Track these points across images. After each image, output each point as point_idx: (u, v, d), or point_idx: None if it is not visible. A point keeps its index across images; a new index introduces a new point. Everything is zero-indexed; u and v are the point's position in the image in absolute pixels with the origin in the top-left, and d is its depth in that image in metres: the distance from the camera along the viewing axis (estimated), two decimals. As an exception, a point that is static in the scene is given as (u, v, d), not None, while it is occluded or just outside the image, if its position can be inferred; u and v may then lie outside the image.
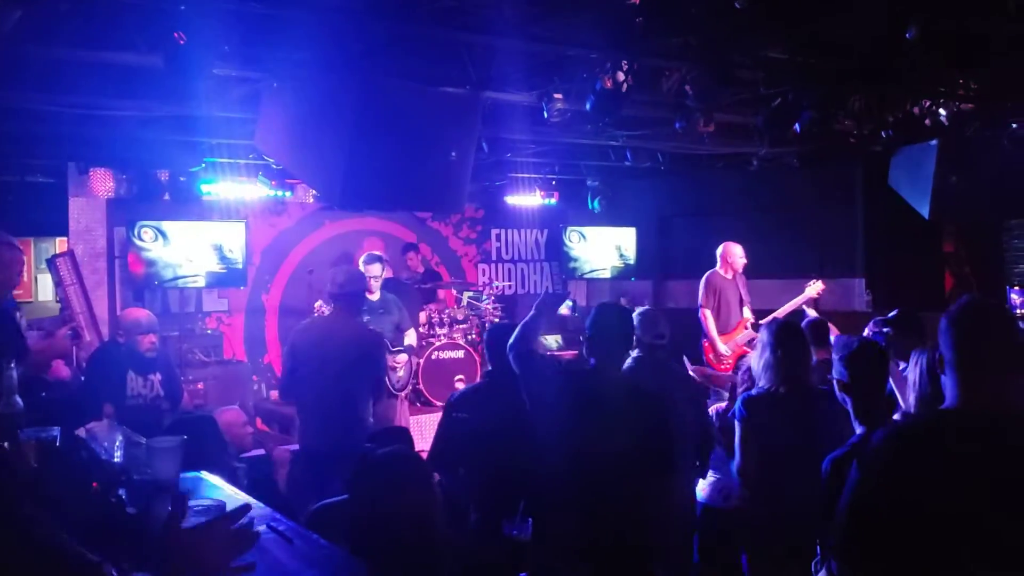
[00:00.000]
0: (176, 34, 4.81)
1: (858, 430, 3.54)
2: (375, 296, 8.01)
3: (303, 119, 6.19)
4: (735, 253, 9.01)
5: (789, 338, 4.36)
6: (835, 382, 3.61)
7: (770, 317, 8.21)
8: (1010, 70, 6.92)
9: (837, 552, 2.62)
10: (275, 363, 10.83)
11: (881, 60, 6.46)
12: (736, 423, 4.34)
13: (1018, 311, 5.46)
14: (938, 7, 5.41)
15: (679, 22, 5.74)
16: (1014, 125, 8.17)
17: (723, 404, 5.31)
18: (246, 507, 2.15)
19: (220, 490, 3.33)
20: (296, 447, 6.04)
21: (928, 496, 2.39)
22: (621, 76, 6.26)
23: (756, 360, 4.49)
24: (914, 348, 4.29)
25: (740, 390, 4.90)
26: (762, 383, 4.37)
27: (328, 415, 5.62)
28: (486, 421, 4.61)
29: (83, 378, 6.48)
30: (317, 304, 8.94)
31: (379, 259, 8.26)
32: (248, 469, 5.13)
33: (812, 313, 7.55)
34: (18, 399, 3.40)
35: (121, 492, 2.99)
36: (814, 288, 8.88)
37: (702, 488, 5.37)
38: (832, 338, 5.41)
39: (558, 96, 6.87)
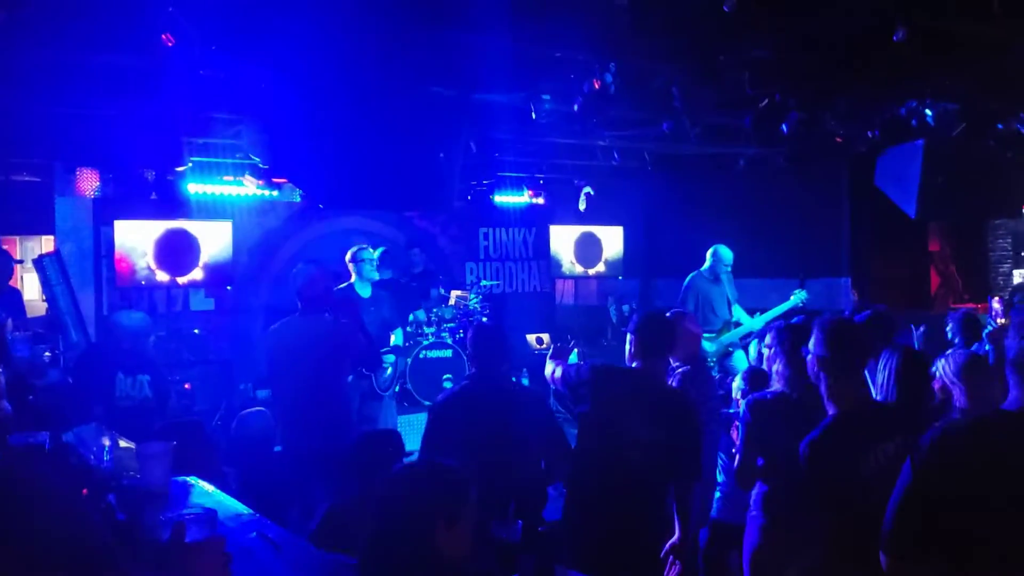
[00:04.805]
0: (164, 36, 4.80)
1: (830, 411, 3.54)
2: (367, 292, 7.98)
3: (291, 119, 6.19)
4: (722, 258, 8.97)
5: (802, 343, 4.33)
6: (813, 358, 3.59)
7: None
8: (995, 71, 6.96)
9: (888, 547, 2.61)
10: (262, 363, 10.81)
11: (868, 61, 6.49)
12: (740, 426, 4.33)
13: (999, 319, 5.54)
14: (924, 8, 5.44)
15: (666, 24, 5.75)
16: (999, 125, 8.20)
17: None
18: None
19: (210, 496, 3.32)
20: None
21: (986, 494, 2.43)
22: (609, 77, 6.27)
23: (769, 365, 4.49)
24: (885, 348, 4.31)
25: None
26: (774, 387, 4.36)
27: (307, 415, 5.57)
28: (472, 423, 4.61)
29: (71, 380, 6.45)
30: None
31: (370, 249, 8.17)
32: (237, 473, 5.12)
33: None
34: (6, 404, 3.40)
35: (110, 498, 2.98)
36: (798, 297, 8.92)
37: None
38: None
39: (546, 97, 6.88)
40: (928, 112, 7.80)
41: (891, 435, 3.31)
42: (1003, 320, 5.59)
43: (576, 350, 5.29)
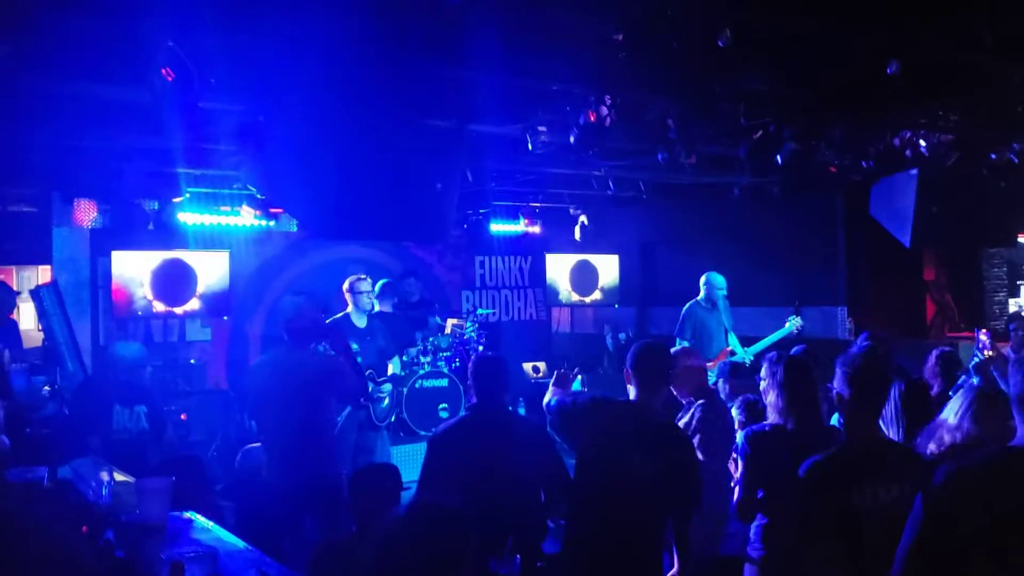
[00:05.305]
0: (164, 70, 4.82)
1: (843, 439, 3.56)
2: (362, 322, 7.97)
3: (288, 150, 6.21)
4: (714, 284, 9.02)
5: (798, 375, 4.34)
6: (836, 394, 3.61)
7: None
8: (987, 102, 7.02)
9: None
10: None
11: (862, 93, 6.53)
12: (738, 458, 4.32)
13: (986, 351, 5.59)
14: (917, 41, 5.49)
15: (661, 57, 5.78)
16: (993, 155, 8.25)
17: None
18: None
19: (209, 531, 3.31)
20: None
21: (999, 532, 2.43)
22: (604, 109, 6.31)
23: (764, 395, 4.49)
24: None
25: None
26: (770, 419, 4.36)
27: (293, 449, 5.51)
28: (471, 456, 4.59)
29: (67, 412, 6.44)
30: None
31: (367, 280, 8.16)
32: (235, 507, 5.10)
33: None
34: (4, 438, 3.40)
35: (109, 534, 2.97)
36: (793, 323, 8.95)
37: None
38: None
39: (542, 128, 6.91)
40: (922, 142, 7.84)
41: (896, 477, 3.32)
42: (990, 352, 5.62)
43: (580, 377, 5.26)
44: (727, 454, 5.06)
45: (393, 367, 8.52)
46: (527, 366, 12.48)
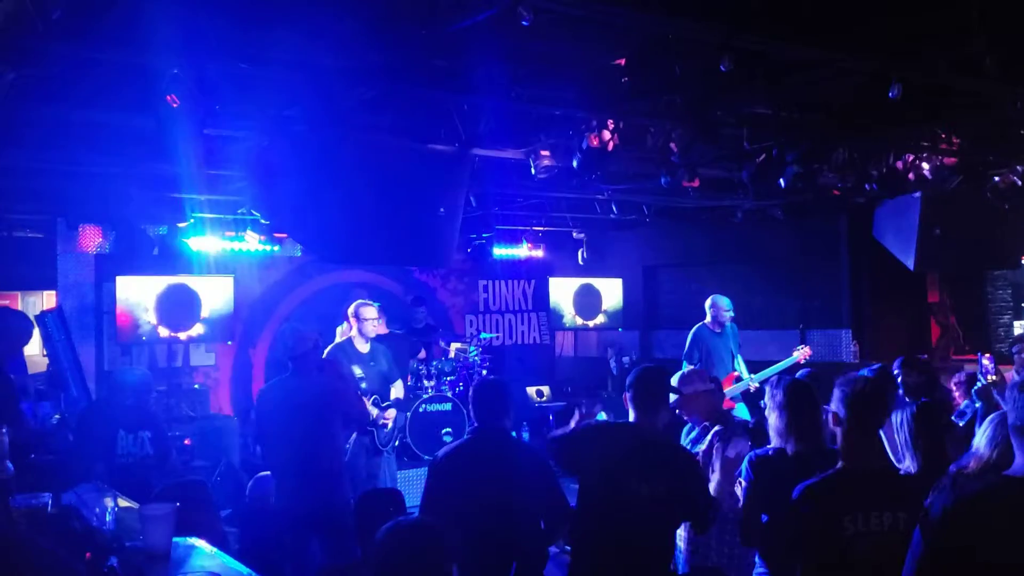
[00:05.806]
0: (169, 97, 4.84)
1: (839, 465, 3.53)
2: (365, 347, 7.94)
3: (293, 175, 6.23)
4: (720, 306, 9.01)
5: (799, 398, 4.32)
6: (831, 415, 3.57)
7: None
8: (990, 124, 7.04)
9: None
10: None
11: (864, 116, 6.55)
12: (743, 483, 4.30)
13: (989, 376, 5.59)
14: (918, 64, 5.50)
15: (664, 81, 5.81)
16: (996, 178, 8.27)
17: None
18: None
19: (212, 557, 3.30)
20: None
21: (997, 562, 2.43)
22: (607, 134, 6.33)
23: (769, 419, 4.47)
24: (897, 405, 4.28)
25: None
26: (774, 443, 4.35)
27: (300, 474, 5.53)
28: (472, 481, 4.57)
29: (71, 437, 6.43)
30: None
31: (373, 308, 8.14)
32: (240, 533, 5.09)
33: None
34: (9, 464, 3.39)
35: (113, 561, 2.97)
36: (801, 352, 8.94)
37: None
38: None
39: (545, 153, 6.94)
40: (925, 165, 7.86)
41: (891, 505, 3.28)
42: (993, 376, 5.62)
43: (603, 413, 5.23)
44: None
45: (396, 390, 8.49)
46: (531, 390, 12.45)
